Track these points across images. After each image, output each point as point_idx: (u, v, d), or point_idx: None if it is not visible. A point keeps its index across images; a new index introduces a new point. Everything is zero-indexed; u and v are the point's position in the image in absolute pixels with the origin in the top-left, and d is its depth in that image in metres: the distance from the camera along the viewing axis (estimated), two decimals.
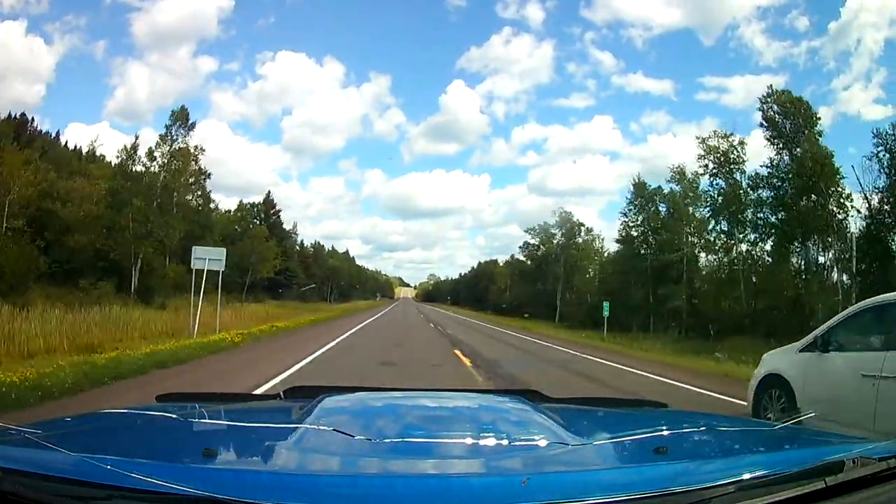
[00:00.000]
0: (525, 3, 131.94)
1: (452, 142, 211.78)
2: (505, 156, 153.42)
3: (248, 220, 58.43)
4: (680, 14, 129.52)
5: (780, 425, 1.71)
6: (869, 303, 5.85)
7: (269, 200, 65.95)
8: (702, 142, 34.25)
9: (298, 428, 1.52)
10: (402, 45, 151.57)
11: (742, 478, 1.17)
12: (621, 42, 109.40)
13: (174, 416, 1.68)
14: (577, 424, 1.73)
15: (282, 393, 2.33)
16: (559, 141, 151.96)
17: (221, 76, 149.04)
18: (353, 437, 1.40)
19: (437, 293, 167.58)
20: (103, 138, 53.64)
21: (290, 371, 11.04)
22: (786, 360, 6.51)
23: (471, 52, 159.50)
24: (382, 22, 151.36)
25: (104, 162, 39.94)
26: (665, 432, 1.65)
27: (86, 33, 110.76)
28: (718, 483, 1.14)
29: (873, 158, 25.98)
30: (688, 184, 37.52)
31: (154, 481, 1.04)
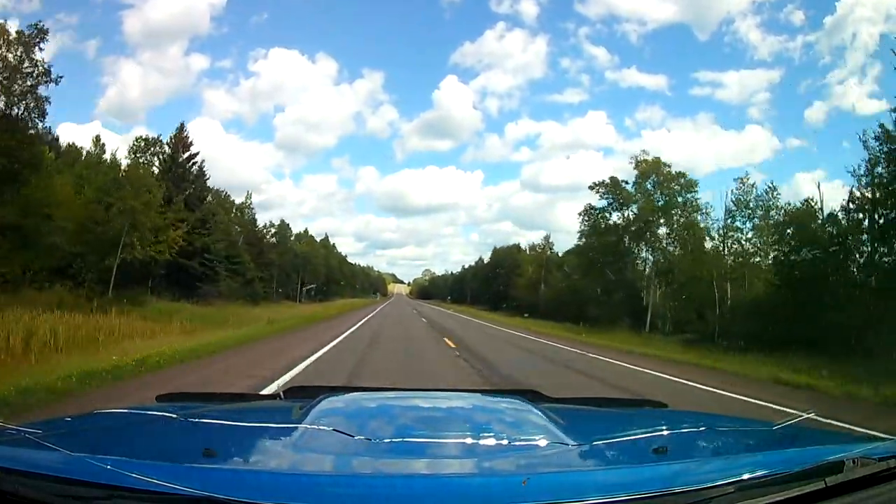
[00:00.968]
0: None
1: (446, 138, 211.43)
2: (498, 152, 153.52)
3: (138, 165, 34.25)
4: (675, 9, 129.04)
5: (780, 425, 1.71)
6: None
7: (181, 136, 41.09)
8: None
9: (298, 428, 1.52)
10: (396, 41, 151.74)
11: (742, 478, 1.17)
12: (615, 37, 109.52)
13: (174, 416, 1.68)
14: (576, 424, 1.73)
15: (281, 393, 2.33)
16: (552, 136, 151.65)
17: (214, 74, 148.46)
18: (352, 437, 1.40)
19: (433, 289, 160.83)
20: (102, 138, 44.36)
21: None
22: None
23: (464, 47, 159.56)
24: (376, 18, 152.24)
25: None
26: (665, 432, 1.65)
27: (77, 32, 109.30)
28: (718, 483, 1.14)
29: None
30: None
31: (154, 481, 1.04)
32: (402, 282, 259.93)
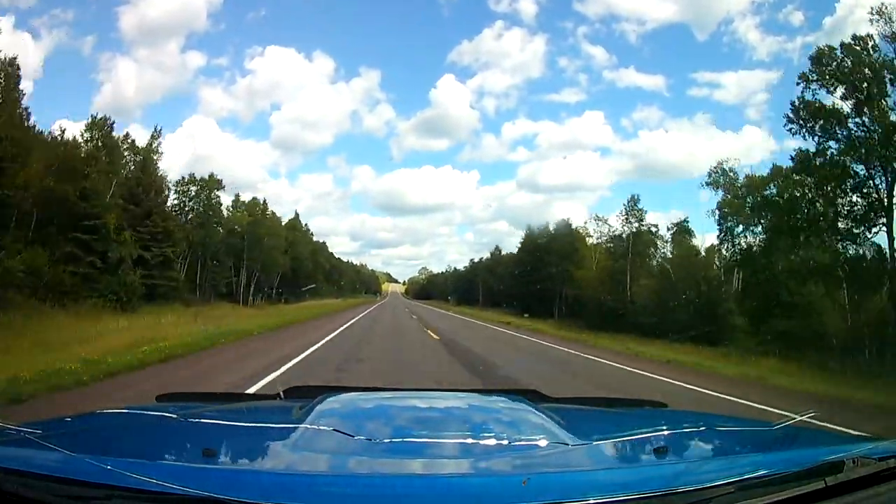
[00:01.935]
0: None
1: (442, 137, 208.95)
2: (495, 151, 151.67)
3: None
4: (674, 8, 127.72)
5: (780, 425, 1.71)
6: None
7: None
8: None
9: (298, 428, 1.52)
10: (393, 38, 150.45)
11: (742, 478, 1.17)
12: (614, 36, 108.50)
13: (174, 416, 1.68)
14: (576, 424, 1.73)
15: (281, 393, 2.32)
16: (550, 136, 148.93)
17: (210, 71, 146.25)
18: (352, 437, 1.40)
19: (432, 289, 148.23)
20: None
21: None
22: None
23: (462, 45, 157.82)
24: (373, 16, 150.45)
25: None
26: (665, 432, 1.65)
27: (73, 28, 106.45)
28: (718, 483, 1.14)
29: None
30: None
31: (154, 481, 1.03)
32: (396, 281, 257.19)
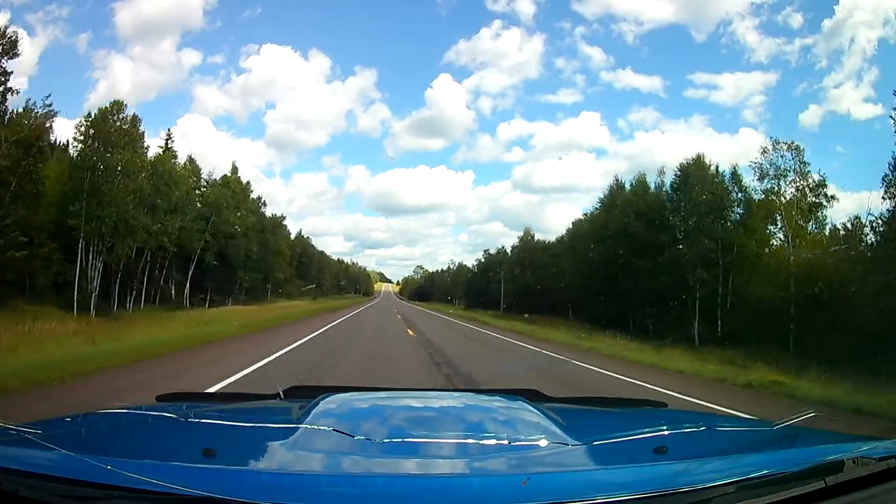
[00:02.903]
0: None
1: (437, 137, 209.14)
2: (490, 152, 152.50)
3: None
4: (673, 9, 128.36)
5: (780, 425, 1.71)
6: None
7: None
8: None
9: (298, 428, 1.52)
10: (390, 37, 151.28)
11: (742, 478, 1.17)
12: (612, 37, 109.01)
13: (174, 416, 1.68)
14: (577, 424, 1.73)
15: (281, 393, 2.33)
16: (545, 137, 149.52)
17: (205, 69, 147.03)
18: (352, 437, 1.40)
19: (430, 289, 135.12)
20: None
21: None
22: None
23: (459, 45, 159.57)
24: (371, 14, 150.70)
25: None
26: (665, 432, 1.65)
27: (68, 24, 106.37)
28: (718, 483, 1.14)
29: None
30: None
31: (154, 481, 1.03)
32: (390, 281, 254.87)
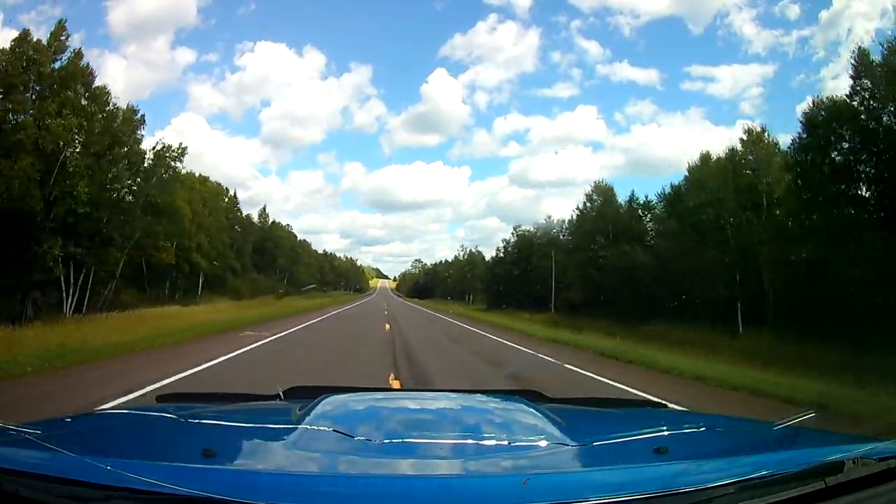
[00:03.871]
0: None
1: (433, 133, 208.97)
2: (486, 147, 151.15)
3: None
4: (669, 1, 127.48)
5: (780, 425, 1.71)
6: None
7: None
8: None
9: (298, 428, 1.52)
10: (385, 32, 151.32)
11: (742, 478, 1.17)
12: (608, 30, 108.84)
13: (174, 416, 1.68)
14: (576, 424, 1.73)
15: (281, 393, 2.33)
16: (542, 131, 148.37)
17: (200, 68, 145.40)
18: (352, 437, 1.40)
19: (431, 284, 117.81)
20: None
21: None
22: None
23: (455, 39, 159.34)
24: (365, 9, 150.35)
25: None
26: (665, 432, 1.65)
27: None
28: (718, 483, 1.14)
29: None
30: None
31: (153, 482, 1.03)
32: (386, 277, 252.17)
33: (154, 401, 2.20)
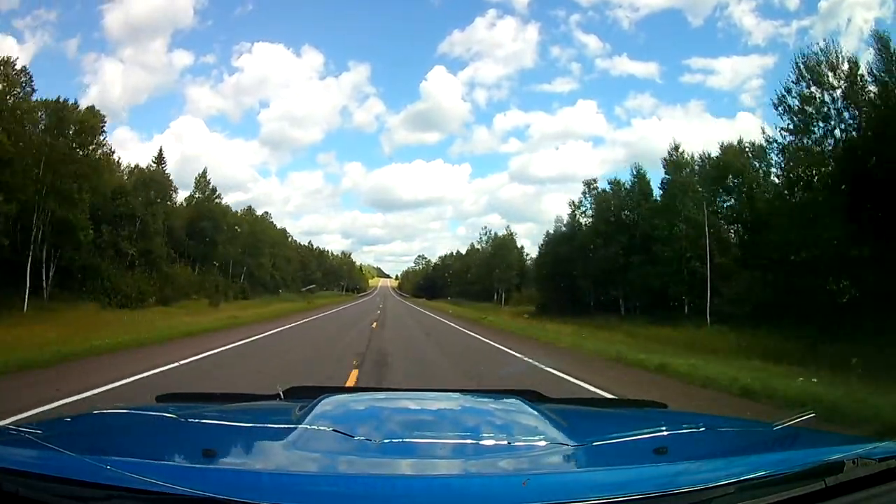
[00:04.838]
0: None
1: (433, 130, 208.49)
2: (486, 144, 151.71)
3: None
4: None
5: (780, 425, 1.71)
6: None
7: None
8: None
9: (298, 428, 1.52)
10: (383, 30, 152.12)
11: (742, 478, 1.17)
12: (607, 23, 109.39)
13: (174, 416, 1.68)
14: (576, 424, 1.73)
15: (281, 393, 2.33)
16: (542, 127, 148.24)
17: (197, 70, 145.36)
18: (352, 437, 1.40)
19: (440, 282, 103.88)
20: None
21: None
22: None
23: (453, 36, 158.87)
24: (363, 7, 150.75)
25: None
26: (665, 432, 1.65)
27: (57, 29, 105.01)
28: (718, 483, 1.14)
29: None
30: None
31: (153, 481, 1.03)
32: (388, 276, 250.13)
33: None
